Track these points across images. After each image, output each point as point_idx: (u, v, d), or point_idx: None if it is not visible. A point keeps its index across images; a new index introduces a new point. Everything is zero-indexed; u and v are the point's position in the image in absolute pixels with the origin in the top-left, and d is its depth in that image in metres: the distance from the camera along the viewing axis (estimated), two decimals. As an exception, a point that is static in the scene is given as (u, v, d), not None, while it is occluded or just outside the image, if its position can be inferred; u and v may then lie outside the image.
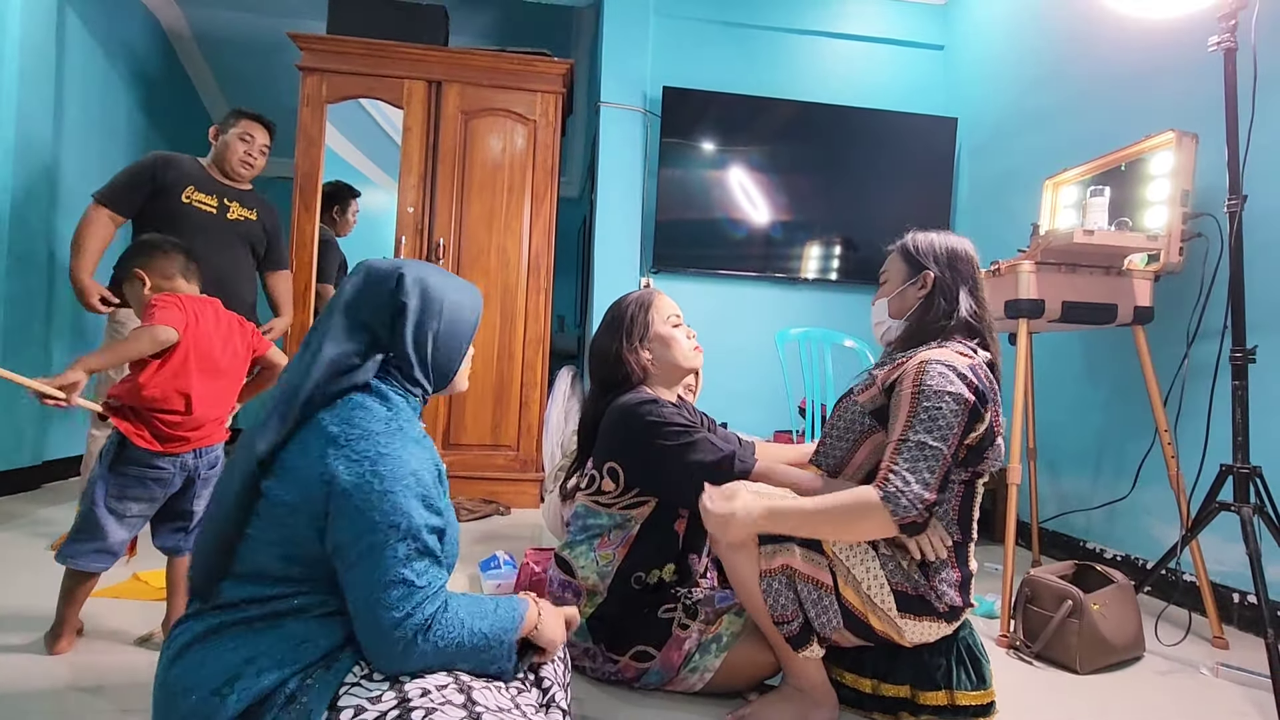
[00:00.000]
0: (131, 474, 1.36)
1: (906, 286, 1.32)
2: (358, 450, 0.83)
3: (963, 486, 1.23)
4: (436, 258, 2.97)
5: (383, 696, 0.80)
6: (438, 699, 0.80)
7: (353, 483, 0.81)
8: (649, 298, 1.49)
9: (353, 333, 0.92)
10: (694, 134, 3.16)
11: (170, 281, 1.48)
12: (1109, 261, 1.89)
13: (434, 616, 0.83)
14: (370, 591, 0.81)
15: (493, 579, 1.87)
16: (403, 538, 0.82)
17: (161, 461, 1.37)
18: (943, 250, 1.30)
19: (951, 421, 1.11)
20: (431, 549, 0.85)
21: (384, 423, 0.87)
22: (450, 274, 1.01)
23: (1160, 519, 2.12)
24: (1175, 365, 1.94)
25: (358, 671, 0.83)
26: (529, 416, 3.02)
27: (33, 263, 2.74)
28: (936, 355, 1.18)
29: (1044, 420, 2.47)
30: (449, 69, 3.00)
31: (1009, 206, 2.92)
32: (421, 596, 0.82)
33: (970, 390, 1.14)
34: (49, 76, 2.85)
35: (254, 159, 2.31)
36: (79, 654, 1.39)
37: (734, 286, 3.29)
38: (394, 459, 0.84)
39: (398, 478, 0.83)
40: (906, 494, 1.06)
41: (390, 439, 0.85)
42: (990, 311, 1.31)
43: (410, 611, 0.81)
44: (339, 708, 0.79)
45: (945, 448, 1.10)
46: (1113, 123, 2.38)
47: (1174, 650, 1.67)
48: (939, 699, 1.25)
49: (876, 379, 1.26)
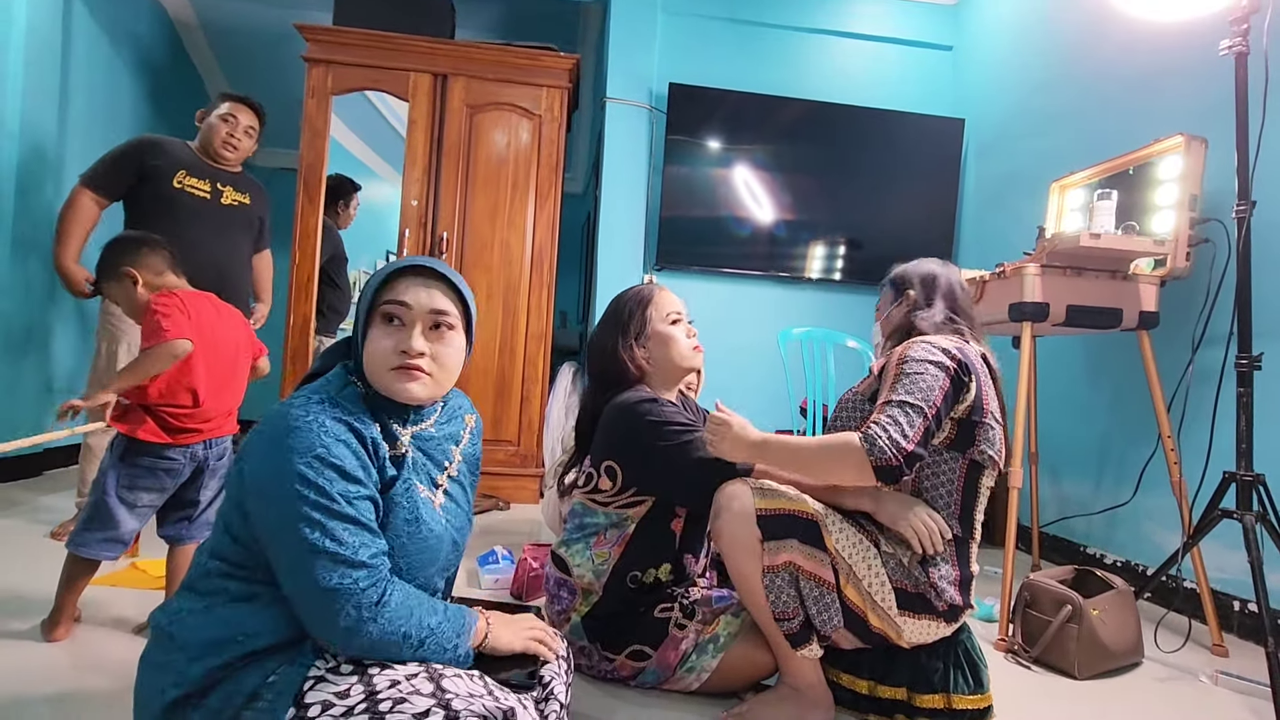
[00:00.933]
0: (143, 465, 1.37)
1: (893, 309, 1.43)
2: (272, 425, 0.83)
3: (962, 476, 1.24)
4: (440, 252, 2.97)
5: (350, 690, 0.78)
6: (406, 689, 0.78)
7: (266, 459, 0.81)
8: (649, 294, 1.47)
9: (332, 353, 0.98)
10: (700, 131, 3.15)
11: (161, 278, 1.46)
12: (1115, 265, 1.88)
13: (383, 595, 0.81)
14: (297, 568, 0.79)
15: (491, 573, 1.87)
16: (313, 506, 0.79)
17: (171, 452, 1.39)
18: (917, 274, 1.42)
19: (932, 384, 1.18)
20: (352, 516, 0.81)
21: (305, 397, 0.86)
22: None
23: (1161, 525, 2.11)
24: (1179, 371, 1.93)
25: (322, 665, 0.81)
26: (530, 412, 3.01)
27: (36, 248, 2.74)
28: (923, 339, 1.28)
29: (1046, 424, 2.46)
30: (455, 62, 2.99)
31: (1015, 209, 2.90)
32: (348, 566, 0.79)
33: (952, 360, 1.21)
34: (54, 64, 2.84)
35: (237, 140, 2.28)
36: (76, 642, 1.38)
37: (737, 285, 3.28)
38: (302, 430, 0.81)
39: (305, 447, 0.81)
40: (883, 438, 1.12)
41: (304, 411, 0.83)
42: (977, 320, 1.40)
43: (339, 584, 0.78)
44: (305, 704, 0.77)
45: (926, 405, 1.16)
46: (1121, 126, 2.36)
47: (1173, 657, 1.66)
48: (936, 702, 1.25)
49: (872, 370, 1.36)
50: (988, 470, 1.25)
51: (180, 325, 1.38)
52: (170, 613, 0.84)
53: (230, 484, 0.86)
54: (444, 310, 0.92)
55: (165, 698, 0.78)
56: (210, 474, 1.47)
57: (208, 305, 1.48)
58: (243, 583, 0.84)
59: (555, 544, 1.43)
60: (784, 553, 1.16)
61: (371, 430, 0.88)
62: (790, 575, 1.17)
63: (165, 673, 0.79)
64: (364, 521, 0.83)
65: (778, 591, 1.17)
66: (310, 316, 2.91)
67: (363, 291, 0.93)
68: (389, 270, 0.92)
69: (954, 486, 1.24)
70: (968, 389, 1.21)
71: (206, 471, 1.46)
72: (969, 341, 1.31)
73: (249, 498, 0.82)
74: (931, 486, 1.24)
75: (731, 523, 1.20)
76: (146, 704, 0.80)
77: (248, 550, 0.84)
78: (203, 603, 0.83)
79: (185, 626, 0.82)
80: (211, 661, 0.78)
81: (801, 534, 1.17)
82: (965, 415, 1.22)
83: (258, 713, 0.76)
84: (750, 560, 1.18)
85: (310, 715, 0.75)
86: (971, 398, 1.22)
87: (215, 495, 1.49)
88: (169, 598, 1.43)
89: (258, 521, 0.82)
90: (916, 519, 1.18)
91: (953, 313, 1.36)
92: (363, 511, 0.83)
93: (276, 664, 0.80)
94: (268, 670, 0.79)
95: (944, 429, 1.23)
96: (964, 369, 1.22)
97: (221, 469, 1.49)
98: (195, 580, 0.86)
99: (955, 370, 1.20)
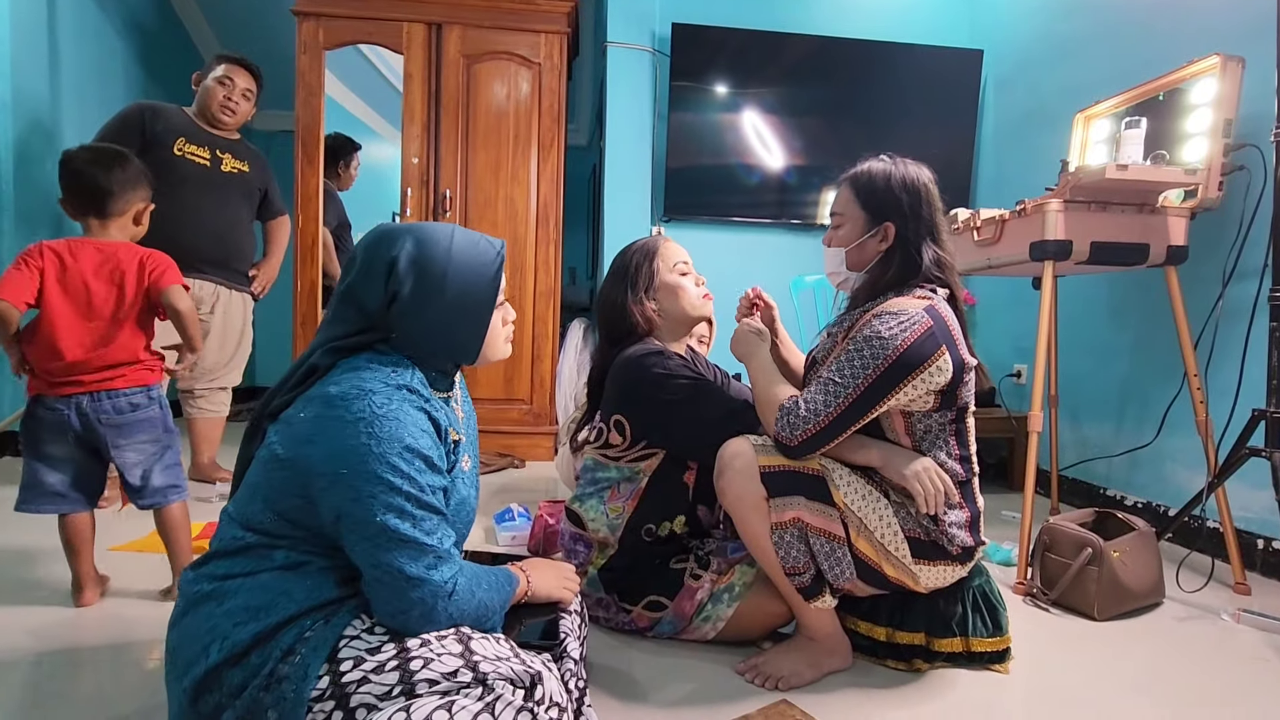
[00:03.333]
0: (37, 416, 1.39)
1: (866, 239, 1.25)
2: (354, 410, 0.81)
3: (952, 423, 1.21)
4: (443, 210, 2.92)
5: (382, 647, 0.80)
6: (436, 649, 0.80)
7: (349, 445, 0.80)
8: (654, 245, 1.44)
9: (351, 322, 0.91)
10: (705, 75, 3.03)
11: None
12: (1142, 199, 1.80)
13: (455, 585, 0.83)
14: (380, 554, 0.80)
15: (508, 531, 1.89)
16: (405, 497, 0.81)
17: (53, 403, 1.37)
18: (903, 194, 1.22)
19: (868, 363, 1.12)
20: (436, 506, 0.84)
21: (383, 382, 0.85)
22: (463, 235, 0.94)
23: (1184, 466, 2.08)
24: (1208, 308, 1.86)
25: (358, 625, 0.83)
26: (541, 370, 3.00)
27: (40, 220, 2.73)
28: (889, 306, 1.17)
29: (1066, 366, 2.40)
30: (449, 10, 2.88)
31: (1036, 143, 2.78)
32: (433, 556, 0.82)
33: (907, 342, 1.11)
34: (41, 29, 2.77)
35: (235, 104, 2.23)
36: (104, 607, 1.42)
37: (748, 234, 3.20)
38: (391, 419, 0.82)
39: (396, 438, 0.81)
40: (793, 415, 1.14)
41: (388, 399, 0.83)
42: (953, 252, 1.26)
43: (424, 574, 0.81)
44: (338, 659, 0.79)
45: (849, 386, 1.12)
46: (1151, 49, 2.23)
47: (1195, 597, 1.65)
48: (954, 645, 1.25)
49: (836, 340, 1.24)
50: (970, 409, 1.24)
51: (11, 286, 1.33)
52: (209, 578, 0.85)
53: (284, 466, 0.84)
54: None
55: (209, 659, 0.80)
56: (111, 430, 1.38)
57: (68, 258, 1.38)
58: (289, 551, 0.85)
59: (569, 500, 1.44)
60: (790, 509, 1.15)
61: (439, 415, 0.90)
62: (799, 531, 1.15)
63: (210, 635, 0.81)
64: (444, 511, 0.86)
65: (786, 547, 1.16)
66: (318, 281, 2.89)
67: (477, 283, 0.93)
68: (501, 261, 0.95)
69: (948, 435, 1.21)
70: (940, 370, 1.13)
71: (103, 427, 1.38)
72: (938, 290, 1.21)
73: (320, 479, 0.81)
74: (927, 441, 1.21)
75: (735, 480, 1.18)
76: (189, 664, 0.81)
77: (295, 524, 0.84)
78: (246, 568, 0.84)
79: (229, 592, 0.83)
80: (257, 626, 0.80)
81: (807, 490, 1.15)
82: (946, 386, 1.16)
83: (293, 667, 0.78)
84: (757, 517, 1.17)
85: (343, 670, 0.77)
86: (950, 371, 1.14)
87: (152, 456, 1.43)
88: (187, 563, 1.46)
89: (331, 504, 0.81)
90: (926, 476, 1.15)
91: (940, 253, 1.23)
92: (441, 501, 0.86)
93: (312, 621, 0.82)
94: (304, 627, 0.81)
95: (928, 402, 1.17)
96: (931, 343, 1.11)
97: (126, 425, 1.40)
98: (231, 549, 0.86)
99: (903, 354, 1.11)
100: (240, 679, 0.79)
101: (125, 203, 1.45)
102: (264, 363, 1.66)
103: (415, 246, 0.90)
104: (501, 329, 1.00)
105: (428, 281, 0.89)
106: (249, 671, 0.79)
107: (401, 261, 0.89)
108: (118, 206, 1.44)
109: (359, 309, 0.91)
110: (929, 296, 1.20)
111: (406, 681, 0.75)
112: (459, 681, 0.76)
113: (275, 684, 0.78)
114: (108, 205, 1.43)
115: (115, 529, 1.84)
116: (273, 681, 0.78)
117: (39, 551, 1.67)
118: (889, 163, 1.26)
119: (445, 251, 0.90)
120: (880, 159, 1.27)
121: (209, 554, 0.89)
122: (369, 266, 0.90)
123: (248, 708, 0.78)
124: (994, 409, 2.71)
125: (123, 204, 1.45)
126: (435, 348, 0.93)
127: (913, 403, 1.17)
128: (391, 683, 0.75)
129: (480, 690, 0.76)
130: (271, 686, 0.78)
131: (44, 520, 1.42)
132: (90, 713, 1.07)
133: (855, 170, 1.28)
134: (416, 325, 0.90)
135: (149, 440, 1.44)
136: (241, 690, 0.79)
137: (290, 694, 0.77)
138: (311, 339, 0.94)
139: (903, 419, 1.20)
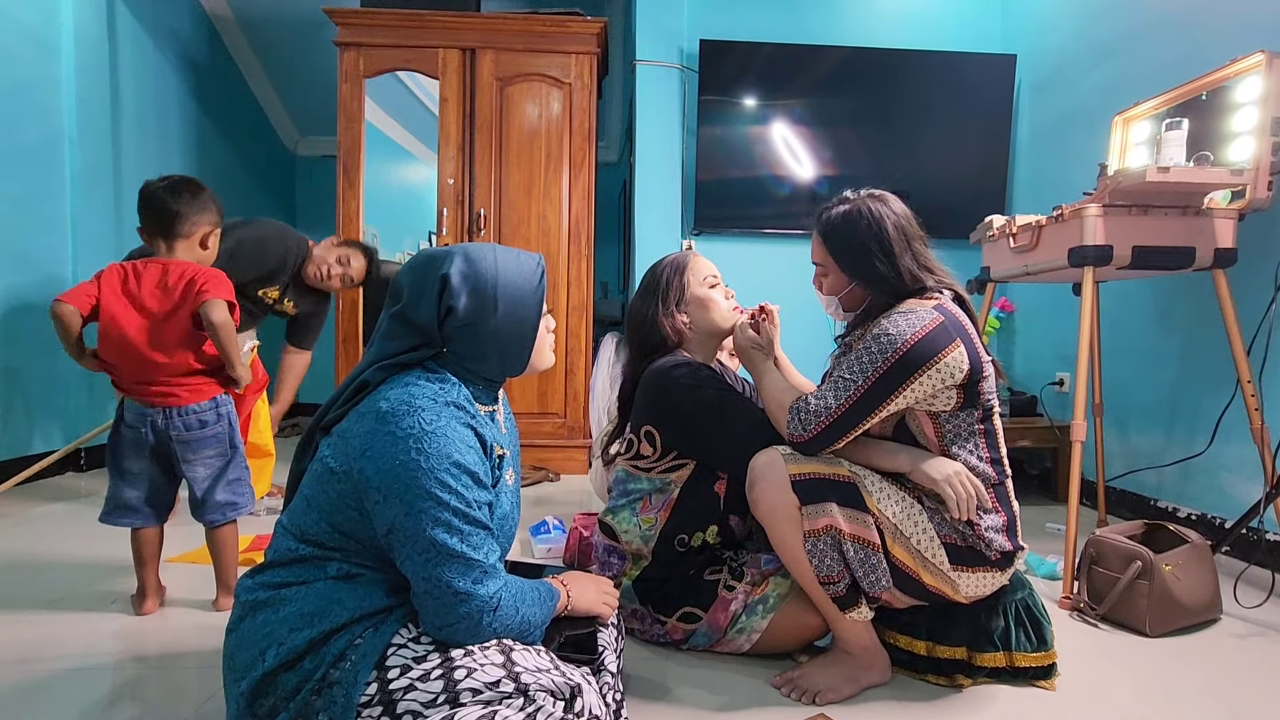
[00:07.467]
0: (120, 434, 1.48)
1: (852, 287, 1.29)
2: (403, 427, 0.84)
3: (980, 423, 1.20)
4: (478, 229, 2.99)
5: (428, 656, 0.83)
6: (480, 659, 0.82)
7: (399, 461, 0.82)
8: (684, 260, 1.47)
9: (404, 339, 0.93)
10: (734, 89, 3.05)
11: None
12: (1186, 201, 1.75)
13: (500, 599, 0.85)
14: (430, 568, 0.82)
15: (543, 544, 1.91)
16: (453, 512, 0.83)
17: (133, 420, 1.46)
18: (871, 242, 1.23)
19: (876, 358, 1.14)
20: (483, 521, 0.86)
21: (431, 398, 0.87)
22: (504, 252, 0.97)
23: (1240, 475, 2.00)
24: (1260, 312, 1.80)
25: (405, 634, 0.85)
26: (574, 383, 3.04)
27: (103, 246, 2.87)
28: (899, 308, 1.21)
29: (1111, 374, 2.33)
30: (482, 35, 2.97)
31: (1074, 147, 2.73)
32: (480, 571, 0.84)
33: (917, 336, 1.13)
34: (103, 66, 2.94)
35: (347, 281, 2.40)
36: (163, 615, 1.49)
37: (779, 245, 3.19)
38: (439, 436, 0.84)
39: (444, 454, 0.83)
40: (804, 412, 1.17)
41: (436, 415, 0.86)
42: (938, 264, 1.27)
43: (471, 589, 0.83)
44: (386, 666, 0.82)
45: (858, 380, 1.14)
46: (1192, 48, 2.17)
47: (1254, 613, 1.58)
48: (997, 660, 1.22)
49: (851, 346, 1.28)
50: (996, 410, 1.23)
51: (74, 292, 1.42)
52: (265, 586, 0.89)
53: (339, 479, 0.86)
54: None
55: (265, 664, 0.83)
56: (182, 446, 1.46)
57: (131, 274, 1.45)
58: (342, 563, 0.88)
59: (602, 512, 1.45)
60: (823, 517, 1.15)
61: (484, 430, 0.92)
62: (833, 539, 1.15)
63: (266, 641, 0.84)
64: (490, 526, 0.88)
65: (820, 556, 1.15)
66: (358, 300, 2.97)
67: (524, 291, 0.95)
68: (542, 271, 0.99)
69: (977, 437, 1.20)
70: (956, 363, 1.14)
71: (174, 443, 1.45)
72: (942, 291, 1.23)
73: (374, 494, 0.83)
74: (957, 444, 1.19)
75: (768, 492, 1.19)
76: (245, 669, 0.85)
77: (348, 537, 0.87)
78: (302, 577, 0.88)
79: (285, 599, 0.86)
80: (312, 632, 0.83)
81: (840, 497, 1.15)
82: (966, 380, 1.16)
83: (343, 672, 0.81)
84: (790, 527, 1.17)
85: (390, 677, 0.80)
86: (967, 363, 1.15)
87: (214, 474, 1.49)
88: (232, 577, 1.52)
89: (384, 518, 0.83)
90: (956, 480, 1.14)
91: (927, 267, 1.25)
92: (487, 516, 0.88)
93: (362, 629, 0.85)
94: (354, 634, 0.84)
95: (950, 400, 1.17)
96: (944, 337, 1.13)
97: (195, 442, 1.47)
98: (286, 560, 0.89)
99: (912, 347, 1.12)
100: (294, 683, 0.82)
101: (191, 225, 1.51)
102: (306, 380, 1.73)
103: (464, 263, 0.93)
104: (547, 337, 1.03)
105: (480, 294, 0.92)
106: (302, 676, 0.82)
107: (454, 277, 0.91)
108: (183, 228, 1.50)
109: (412, 326, 0.93)
110: (936, 297, 1.22)
111: (451, 690, 0.78)
112: (501, 692, 0.78)
113: (327, 688, 0.81)
114: (174, 226, 1.49)
115: (169, 541, 1.92)
116: (324, 686, 0.81)
117: (111, 562, 1.77)
118: (851, 206, 1.27)
119: (492, 265, 0.94)
120: (843, 202, 1.28)
121: (265, 563, 0.92)
122: (420, 286, 0.92)
123: (300, 711, 0.81)
124: (1036, 418, 2.65)
125: (189, 226, 1.50)
126: (488, 359, 0.95)
127: (935, 401, 1.17)
128: (436, 690, 0.78)
129: (522, 701, 0.78)
130: (323, 691, 0.81)
131: (119, 533, 1.51)
132: (154, 714, 1.12)
133: (822, 219, 1.30)
134: (470, 337, 0.93)
135: (215, 455, 1.51)
136: (295, 694, 0.82)
137: (341, 698, 0.80)
138: (351, 356, 0.98)
139: (931, 422, 1.20)
